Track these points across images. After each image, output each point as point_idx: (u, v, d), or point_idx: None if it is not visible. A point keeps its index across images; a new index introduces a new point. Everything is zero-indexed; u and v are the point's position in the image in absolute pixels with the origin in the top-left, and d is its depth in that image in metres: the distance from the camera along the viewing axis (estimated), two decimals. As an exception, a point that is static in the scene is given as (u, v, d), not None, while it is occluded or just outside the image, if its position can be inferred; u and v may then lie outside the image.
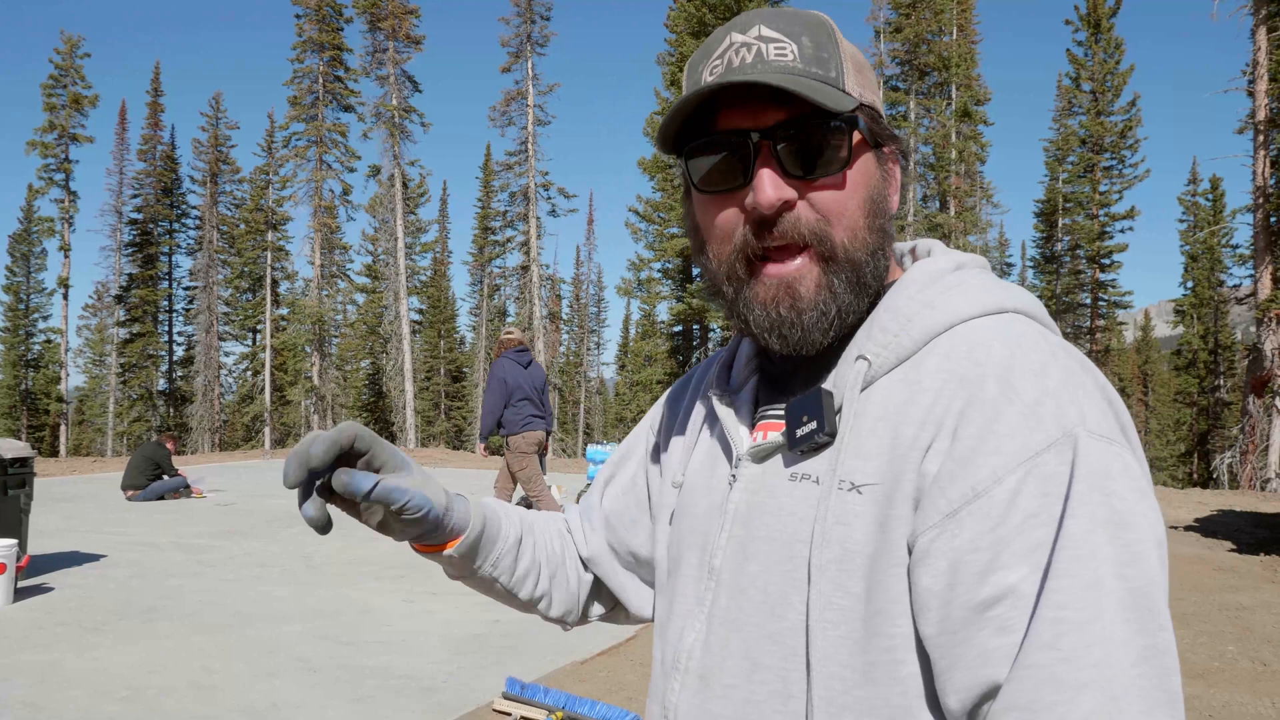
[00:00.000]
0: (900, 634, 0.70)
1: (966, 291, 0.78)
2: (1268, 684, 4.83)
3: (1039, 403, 0.68)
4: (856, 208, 0.78)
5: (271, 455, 21.97)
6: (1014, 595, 0.64)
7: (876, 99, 0.83)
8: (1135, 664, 0.62)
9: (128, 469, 11.71)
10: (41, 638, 5.07)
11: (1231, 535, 10.09)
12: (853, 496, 0.73)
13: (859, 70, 0.81)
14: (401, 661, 4.77)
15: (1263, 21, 19.22)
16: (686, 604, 0.86)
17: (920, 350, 0.76)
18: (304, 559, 7.60)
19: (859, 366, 0.77)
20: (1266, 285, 19.17)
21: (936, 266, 0.82)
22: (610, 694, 4.33)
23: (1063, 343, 0.75)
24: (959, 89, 32.91)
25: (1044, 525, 0.65)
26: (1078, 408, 0.68)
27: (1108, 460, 0.66)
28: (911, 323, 0.76)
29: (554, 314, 47.18)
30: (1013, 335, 0.73)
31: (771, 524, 0.79)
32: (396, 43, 35.59)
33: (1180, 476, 42.78)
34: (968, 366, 0.72)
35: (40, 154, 38.14)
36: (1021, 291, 0.80)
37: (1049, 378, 0.69)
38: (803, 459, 0.79)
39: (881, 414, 0.74)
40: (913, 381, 0.74)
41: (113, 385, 42.48)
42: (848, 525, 0.73)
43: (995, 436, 0.67)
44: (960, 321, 0.76)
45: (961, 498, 0.67)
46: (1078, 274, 39.14)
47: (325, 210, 36.25)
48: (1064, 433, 0.66)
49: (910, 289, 0.79)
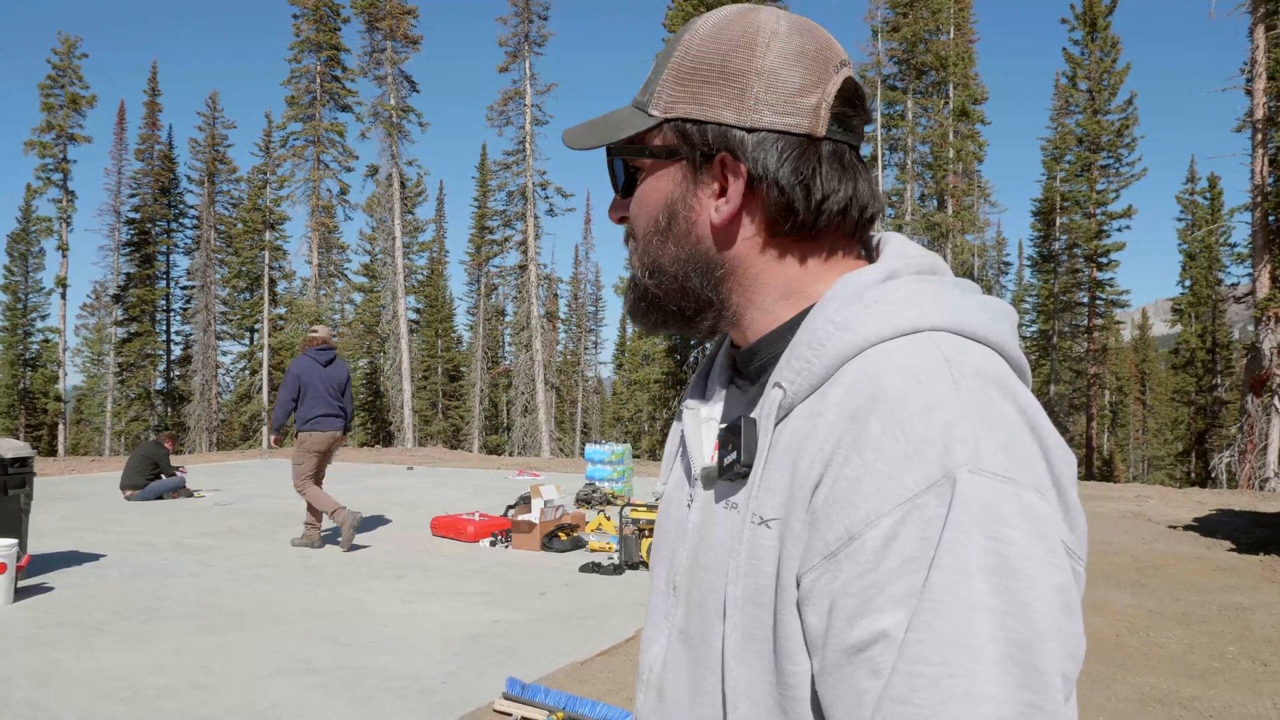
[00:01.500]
0: (801, 671, 0.69)
1: (885, 309, 0.73)
2: (1268, 685, 4.83)
3: (925, 440, 0.64)
4: (644, 224, 0.84)
5: (269, 455, 21.93)
6: (885, 639, 0.62)
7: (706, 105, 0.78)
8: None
9: (126, 468, 11.69)
10: (42, 638, 5.06)
11: (1231, 535, 10.10)
12: (763, 530, 0.72)
13: (680, 80, 0.80)
14: (401, 662, 4.77)
15: (1260, 20, 19.25)
16: (656, 616, 0.88)
17: (831, 377, 0.73)
18: (302, 559, 7.59)
19: (774, 395, 0.75)
20: (1265, 284, 19.20)
21: (863, 279, 0.76)
22: (610, 694, 4.33)
23: (978, 364, 0.69)
24: (956, 88, 32.92)
25: (919, 571, 0.62)
26: (971, 445, 0.63)
27: (997, 500, 0.62)
28: (824, 347, 0.73)
29: (551, 313, 47.12)
30: (915, 363, 0.68)
31: (708, 552, 0.79)
32: (394, 42, 35.56)
33: (1178, 475, 42.83)
34: (860, 400, 0.68)
35: (38, 154, 38.14)
36: (957, 301, 0.74)
37: (944, 410, 0.65)
38: (732, 489, 0.78)
39: (788, 446, 0.72)
40: (816, 414, 0.71)
41: (111, 384, 42.44)
42: (759, 559, 0.72)
43: (874, 477, 0.64)
44: (869, 346, 0.72)
45: (837, 540, 0.65)
46: (1075, 273, 39.19)
47: (323, 210, 36.25)
48: (945, 473, 0.63)
49: (830, 307, 0.75)
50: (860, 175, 0.80)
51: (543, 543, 8.25)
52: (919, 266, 0.79)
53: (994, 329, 0.74)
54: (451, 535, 8.71)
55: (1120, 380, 49.01)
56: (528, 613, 5.92)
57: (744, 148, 0.77)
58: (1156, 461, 49.37)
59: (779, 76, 0.77)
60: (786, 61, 0.77)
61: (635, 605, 6.16)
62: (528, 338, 37.38)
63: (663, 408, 34.48)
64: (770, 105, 0.77)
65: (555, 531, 8.39)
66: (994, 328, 0.74)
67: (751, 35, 0.78)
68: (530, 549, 8.22)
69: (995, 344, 0.73)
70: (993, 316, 0.75)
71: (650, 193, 0.83)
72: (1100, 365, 39.32)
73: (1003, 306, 0.77)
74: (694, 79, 0.79)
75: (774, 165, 0.77)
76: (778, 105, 0.77)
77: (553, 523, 8.55)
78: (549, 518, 8.56)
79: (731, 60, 0.78)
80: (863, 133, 0.82)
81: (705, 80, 0.79)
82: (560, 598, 6.39)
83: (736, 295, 0.82)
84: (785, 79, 0.77)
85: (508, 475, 16.30)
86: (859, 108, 0.80)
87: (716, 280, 0.82)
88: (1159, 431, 50.36)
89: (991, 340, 0.73)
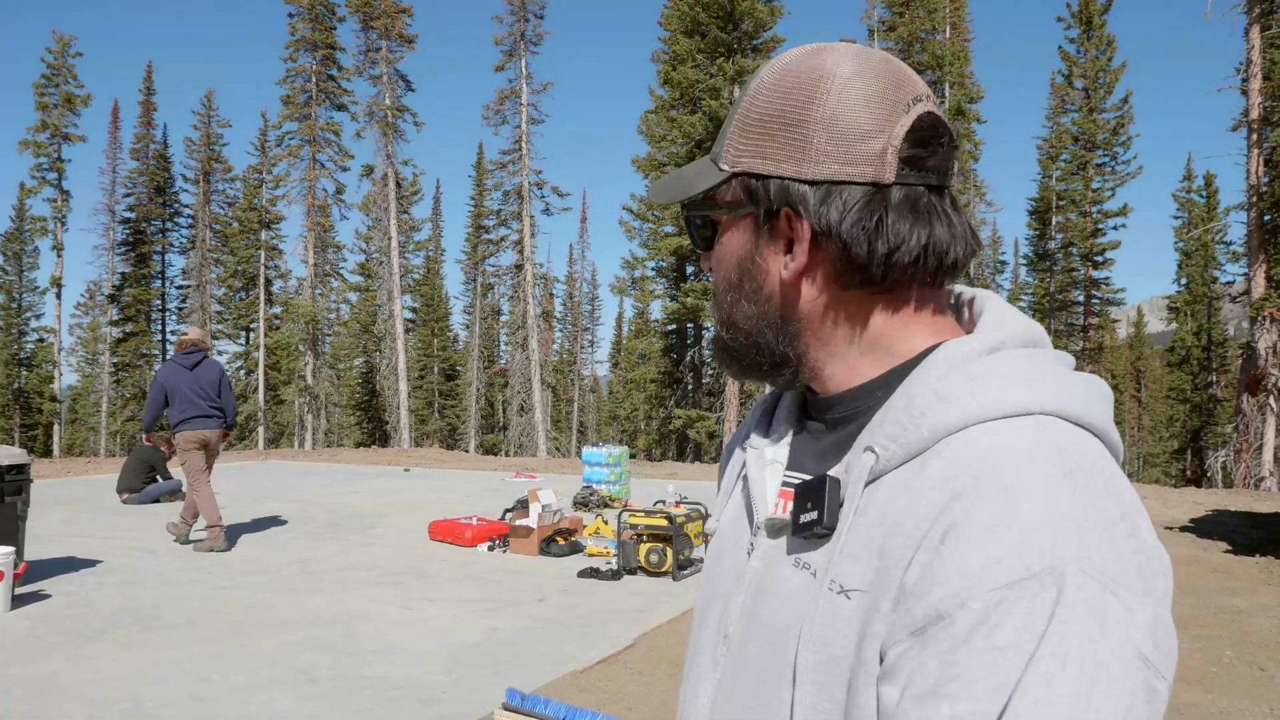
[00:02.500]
0: None
1: (990, 385, 0.71)
2: (1266, 689, 4.84)
3: (1033, 529, 0.62)
4: (720, 280, 0.83)
5: (265, 456, 21.90)
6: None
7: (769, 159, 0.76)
8: None
9: (122, 472, 11.68)
10: (39, 647, 5.05)
11: (1227, 536, 10.12)
12: (841, 600, 0.70)
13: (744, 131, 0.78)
14: (400, 672, 4.76)
15: (1256, 20, 19.28)
16: (703, 661, 0.85)
17: (929, 449, 0.70)
18: (300, 565, 7.58)
19: (866, 459, 0.73)
20: (1260, 283, 19.24)
21: (966, 349, 0.74)
22: (611, 704, 4.33)
23: (1092, 459, 0.68)
24: (952, 87, 32.92)
25: (1006, 662, 0.60)
26: (1078, 541, 0.62)
27: (1099, 604, 0.61)
28: (924, 416, 0.71)
29: (548, 312, 47.13)
30: (1027, 449, 0.67)
31: (773, 609, 0.77)
32: (389, 41, 35.52)
33: (1173, 473, 42.94)
34: (967, 481, 0.66)
35: (33, 153, 38.01)
36: (1061, 381, 0.73)
37: (1055, 503, 0.64)
38: (806, 546, 0.76)
39: (880, 517, 0.71)
40: (914, 488, 0.69)
41: (106, 384, 42.38)
42: (834, 629, 0.70)
43: (977, 557, 0.63)
44: (975, 422, 0.69)
45: (925, 617, 0.63)
46: (1071, 271, 39.23)
47: (318, 209, 36.18)
48: (1049, 566, 0.61)
49: (931, 375, 0.73)
50: (937, 219, 0.75)
51: (540, 547, 8.24)
52: (1024, 339, 0.76)
53: (1097, 413, 0.72)
54: (449, 540, 8.71)
55: (1116, 378, 49.07)
56: (526, 620, 5.92)
57: (806, 202, 0.75)
58: (1152, 459, 49.48)
59: (841, 123, 0.74)
60: (849, 107, 0.74)
61: (634, 611, 6.16)
62: (524, 337, 37.37)
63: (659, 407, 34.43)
64: (832, 155, 0.74)
65: (553, 536, 8.39)
66: (1098, 411, 0.72)
67: (813, 82, 0.75)
68: (528, 553, 8.22)
69: (1099, 430, 0.72)
70: (1096, 397, 0.73)
71: (724, 248, 0.82)
72: (1096, 363, 39.38)
73: (1102, 386, 0.75)
74: (757, 131, 0.77)
75: (836, 219, 0.74)
76: (840, 155, 0.74)
77: (550, 527, 8.54)
78: (546, 522, 8.56)
79: (791, 110, 0.75)
80: (946, 171, 0.77)
81: (767, 132, 0.77)
82: (559, 604, 6.38)
83: (814, 350, 0.80)
84: (848, 125, 0.73)
85: (505, 477, 16.28)
86: (935, 145, 0.75)
87: (791, 336, 0.80)
88: (1154, 429, 50.48)
89: (1095, 426, 0.71)
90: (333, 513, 10.89)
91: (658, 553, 7.30)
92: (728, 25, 29.18)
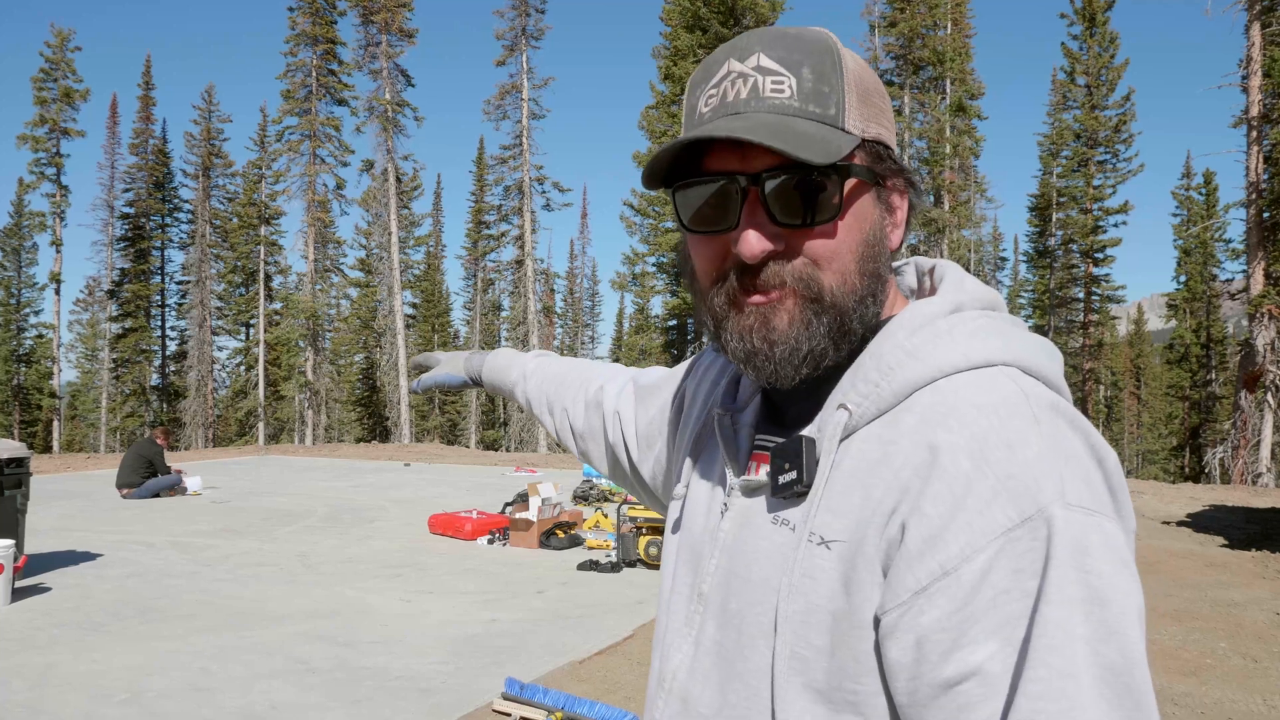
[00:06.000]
0: (864, 690, 0.70)
1: (954, 340, 0.74)
2: (1259, 681, 4.86)
3: (1012, 476, 0.66)
4: (848, 253, 0.75)
5: (265, 451, 21.92)
6: (979, 674, 0.64)
7: (884, 127, 0.78)
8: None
9: (121, 467, 11.69)
10: (39, 639, 5.07)
11: (1223, 530, 10.15)
12: (821, 551, 0.73)
13: (864, 100, 0.77)
14: (399, 662, 4.79)
15: (1256, 17, 19.26)
16: (677, 623, 0.87)
17: (900, 404, 0.73)
18: (300, 557, 7.60)
19: (839, 416, 0.75)
20: (1259, 281, 19.24)
21: (930, 309, 0.77)
22: (608, 694, 4.35)
23: (1051, 400, 0.72)
24: (953, 83, 32.89)
25: (1015, 602, 0.64)
26: (1056, 479, 0.66)
27: (1085, 533, 0.64)
28: (893, 373, 0.74)
29: (548, 308, 47.09)
30: (993, 398, 0.70)
31: (750, 564, 0.79)
32: (389, 36, 35.46)
33: (1172, 470, 42.96)
34: (941, 434, 0.69)
35: (31, 148, 37.98)
36: (1019, 339, 0.77)
37: (1027, 447, 0.67)
38: (785, 504, 0.78)
39: (855, 469, 0.73)
40: (888, 440, 0.72)
41: (105, 380, 42.36)
42: (814, 579, 0.73)
43: (965, 512, 0.66)
44: (942, 375, 0.73)
45: (929, 575, 0.66)
46: (1071, 268, 39.24)
47: (318, 204, 36.14)
48: (1039, 509, 0.64)
49: (898, 334, 0.76)
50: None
51: (540, 540, 8.27)
52: (983, 302, 0.80)
53: (1051, 369, 0.76)
54: (449, 533, 8.73)
55: (1115, 375, 49.08)
56: (526, 611, 5.94)
57: (905, 171, 0.80)
58: (1151, 456, 49.49)
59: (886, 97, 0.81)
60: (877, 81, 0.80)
61: (633, 603, 6.18)
62: (524, 332, 37.37)
63: (659, 403, 34.51)
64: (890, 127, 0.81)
65: (553, 529, 8.41)
66: (1051, 368, 0.76)
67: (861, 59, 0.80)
68: (528, 547, 8.24)
69: (1053, 385, 0.75)
70: (1050, 355, 0.77)
71: (859, 219, 0.77)
72: (1095, 360, 39.41)
73: (1053, 347, 0.79)
74: (869, 99, 0.78)
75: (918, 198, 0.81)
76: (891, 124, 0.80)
77: (550, 520, 8.57)
78: (546, 515, 8.58)
79: (871, 79, 0.80)
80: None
81: (875, 102, 0.79)
82: (558, 596, 6.41)
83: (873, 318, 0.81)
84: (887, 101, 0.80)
85: (505, 472, 16.31)
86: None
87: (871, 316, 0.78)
88: (1153, 426, 50.45)
89: (1049, 380, 0.75)
90: (333, 507, 10.92)
91: (657, 545, 7.32)
92: (729, 20, 29.16)
